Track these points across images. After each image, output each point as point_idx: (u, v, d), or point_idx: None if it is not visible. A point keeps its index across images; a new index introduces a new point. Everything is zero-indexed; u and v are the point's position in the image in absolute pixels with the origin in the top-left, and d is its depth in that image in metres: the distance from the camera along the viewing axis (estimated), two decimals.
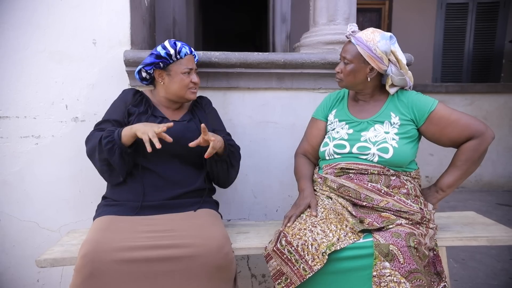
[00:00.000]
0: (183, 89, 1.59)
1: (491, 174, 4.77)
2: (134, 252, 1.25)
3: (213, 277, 1.28)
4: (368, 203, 1.41)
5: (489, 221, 1.72)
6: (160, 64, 1.56)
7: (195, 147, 1.43)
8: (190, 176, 1.57)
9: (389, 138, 1.47)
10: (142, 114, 1.58)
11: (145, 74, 1.61)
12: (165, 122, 1.54)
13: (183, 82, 1.57)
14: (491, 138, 1.47)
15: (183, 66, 1.57)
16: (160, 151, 1.42)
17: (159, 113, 1.62)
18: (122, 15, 1.90)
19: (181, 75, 1.57)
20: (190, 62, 1.61)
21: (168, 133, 1.43)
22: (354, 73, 1.49)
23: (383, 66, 1.47)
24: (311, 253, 1.28)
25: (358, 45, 1.46)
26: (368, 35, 1.46)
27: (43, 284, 1.98)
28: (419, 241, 1.28)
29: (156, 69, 1.58)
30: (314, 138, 1.68)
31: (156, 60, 1.55)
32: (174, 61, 1.57)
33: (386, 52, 1.45)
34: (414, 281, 1.21)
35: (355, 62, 1.48)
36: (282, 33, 4.78)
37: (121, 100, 1.63)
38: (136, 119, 1.55)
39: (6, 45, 1.85)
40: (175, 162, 1.55)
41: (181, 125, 1.59)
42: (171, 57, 1.55)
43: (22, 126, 1.89)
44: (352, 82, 1.52)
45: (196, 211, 1.51)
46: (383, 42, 1.44)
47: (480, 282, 2.32)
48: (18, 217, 1.92)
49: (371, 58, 1.46)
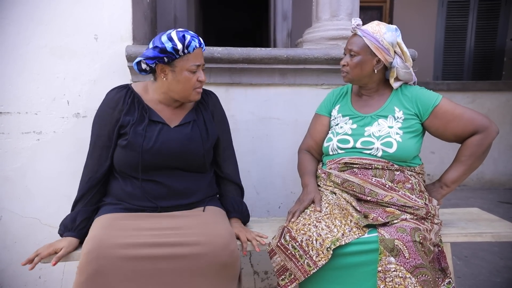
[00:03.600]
0: (189, 90, 1.41)
1: (492, 172, 4.77)
2: (139, 249, 1.23)
3: (219, 274, 1.27)
4: (372, 198, 1.40)
5: (494, 217, 1.72)
6: (164, 59, 1.36)
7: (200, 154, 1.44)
8: (195, 183, 1.48)
9: (393, 133, 1.46)
10: (137, 123, 1.40)
11: (145, 66, 1.40)
12: (165, 129, 1.42)
13: (189, 81, 1.40)
14: (495, 133, 1.46)
15: (190, 62, 1.38)
16: (158, 165, 1.39)
17: (157, 117, 1.44)
18: (124, 10, 1.89)
19: (187, 72, 1.39)
20: (199, 57, 1.41)
21: (168, 146, 1.39)
22: (361, 65, 1.48)
23: (389, 58, 1.47)
24: (316, 248, 1.27)
25: (364, 37, 1.46)
26: (374, 27, 1.46)
27: (44, 281, 1.97)
28: (424, 236, 1.27)
29: (158, 63, 1.39)
30: (318, 134, 1.67)
31: (160, 54, 1.35)
32: (181, 55, 1.37)
33: (393, 44, 1.45)
34: (420, 276, 1.20)
35: (362, 53, 1.47)
36: (283, 30, 4.77)
37: (105, 114, 1.43)
38: (132, 130, 1.38)
39: (7, 41, 1.84)
40: (178, 172, 1.45)
41: (183, 135, 1.43)
42: (178, 52, 1.35)
43: (24, 122, 1.88)
44: (359, 75, 1.51)
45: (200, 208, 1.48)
46: (389, 33, 1.45)
47: (483, 279, 2.31)
48: (19, 213, 1.92)
49: (378, 49, 1.45)
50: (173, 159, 1.41)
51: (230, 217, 1.53)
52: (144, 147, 1.38)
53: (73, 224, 1.39)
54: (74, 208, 1.43)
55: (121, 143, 1.40)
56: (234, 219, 1.54)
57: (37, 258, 1.29)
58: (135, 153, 1.38)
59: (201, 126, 1.49)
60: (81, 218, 1.39)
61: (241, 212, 1.57)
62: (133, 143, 1.38)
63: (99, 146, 1.44)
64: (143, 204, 1.41)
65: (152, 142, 1.39)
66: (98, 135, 1.44)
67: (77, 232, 1.38)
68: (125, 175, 1.43)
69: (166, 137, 1.42)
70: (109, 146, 1.43)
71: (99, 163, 1.43)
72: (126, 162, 1.40)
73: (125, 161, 1.41)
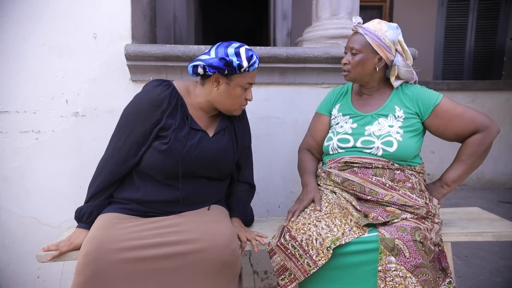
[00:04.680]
0: (236, 105, 1.42)
1: (492, 172, 4.76)
2: (140, 251, 1.21)
3: (220, 273, 1.26)
4: (372, 197, 1.39)
5: (494, 217, 1.71)
6: (225, 71, 1.33)
7: (230, 163, 1.46)
8: (215, 192, 1.49)
9: (393, 132, 1.46)
10: (179, 129, 1.37)
11: (201, 71, 1.36)
12: (205, 138, 1.41)
13: (239, 98, 1.40)
14: (496, 132, 1.45)
15: (246, 80, 1.38)
16: (188, 173, 1.38)
17: (196, 125, 1.42)
18: (123, 9, 1.88)
19: (240, 88, 1.38)
20: (254, 77, 1.41)
21: (205, 156, 1.39)
22: (363, 63, 1.47)
23: (391, 56, 1.47)
24: (316, 248, 1.26)
25: (366, 35, 1.45)
26: (375, 25, 1.46)
27: (43, 281, 1.97)
28: (425, 235, 1.27)
29: (217, 73, 1.35)
30: (318, 133, 1.66)
31: (224, 66, 1.32)
32: (241, 72, 1.36)
33: (394, 42, 1.45)
34: (420, 275, 1.20)
35: (364, 51, 1.46)
36: (283, 30, 4.76)
37: (146, 111, 1.37)
38: (173, 135, 1.35)
39: (6, 39, 1.83)
40: (202, 180, 1.44)
41: (220, 145, 1.44)
42: (241, 69, 1.34)
43: (22, 121, 1.87)
44: (360, 73, 1.50)
45: (203, 208, 1.47)
46: (391, 31, 1.44)
47: (483, 278, 2.30)
48: (18, 213, 1.91)
49: (380, 47, 1.44)
50: (206, 168, 1.41)
51: (231, 216, 1.52)
52: (183, 154, 1.36)
53: (89, 217, 1.38)
54: (92, 198, 1.39)
55: (159, 146, 1.36)
56: (235, 218, 1.53)
57: (57, 253, 1.31)
58: (173, 160, 1.35)
59: (232, 134, 1.50)
60: (97, 212, 1.38)
61: (244, 215, 1.57)
62: (173, 150, 1.35)
63: (131, 140, 1.37)
64: (160, 209, 1.39)
65: (192, 151, 1.38)
66: (133, 129, 1.37)
67: (91, 225, 1.36)
68: (148, 177, 1.40)
69: (205, 146, 1.41)
70: (141, 143, 1.37)
71: (127, 158, 1.38)
72: (161, 167, 1.37)
73: (158, 165, 1.37)
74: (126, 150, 1.38)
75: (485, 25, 5.55)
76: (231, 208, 1.55)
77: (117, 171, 1.38)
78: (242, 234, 1.43)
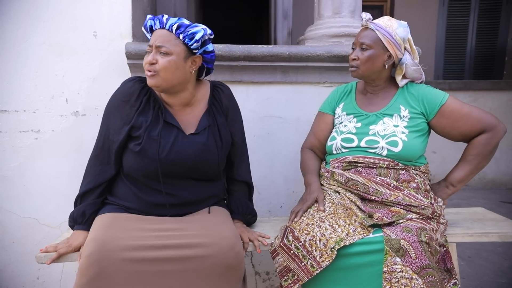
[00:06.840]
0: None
1: (494, 172, 4.74)
2: (143, 251, 1.19)
3: (224, 276, 1.23)
4: (377, 197, 1.37)
5: (499, 217, 1.69)
6: None
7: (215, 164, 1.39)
8: (207, 192, 1.44)
9: (398, 132, 1.44)
10: (152, 125, 1.32)
11: None
12: (181, 136, 1.34)
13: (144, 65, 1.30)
14: (503, 132, 1.44)
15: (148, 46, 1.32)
16: (170, 174, 1.34)
17: (172, 119, 1.35)
18: (123, 7, 1.86)
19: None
20: (152, 39, 1.29)
21: (182, 157, 1.32)
22: (372, 59, 1.45)
23: (400, 53, 1.45)
24: (319, 248, 1.24)
25: (377, 30, 1.43)
26: (386, 21, 1.45)
27: (43, 282, 1.95)
28: (431, 236, 1.25)
29: None
30: (321, 132, 1.64)
31: None
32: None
33: (404, 39, 1.44)
34: (426, 277, 1.18)
35: (374, 47, 1.44)
36: (283, 29, 4.75)
37: (120, 103, 1.34)
38: (146, 134, 1.30)
39: (5, 38, 1.81)
40: (189, 181, 1.39)
41: (198, 145, 1.35)
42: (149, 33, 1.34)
43: (22, 120, 1.85)
44: (369, 70, 1.47)
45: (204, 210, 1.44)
46: (401, 29, 1.43)
47: (487, 279, 2.28)
48: (17, 213, 1.89)
49: (391, 44, 1.43)
50: (186, 170, 1.36)
51: (233, 218, 1.50)
52: (159, 156, 1.31)
53: (83, 217, 1.35)
54: (81, 200, 1.38)
55: (133, 148, 1.32)
56: (236, 219, 1.51)
57: (56, 255, 1.29)
58: (149, 161, 1.31)
59: (215, 132, 1.41)
60: (90, 211, 1.36)
61: (245, 216, 1.54)
62: (147, 150, 1.31)
63: (110, 139, 1.36)
64: (149, 212, 1.36)
65: (167, 152, 1.32)
66: (109, 127, 1.36)
67: (87, 226, 1.35)
68: (133, 179, 1.37)
69: (180, 146, 1.34)
70: (119, 141, 1.33)
71: (109, 156, 1.37)
72: (139, 169, 1.34)
73: (137, 168, 1.34)
74: (107, 149, 1.37)
75: (486, 24, 5.53)
76: (230, 210, 1.52)
77: (104, 171, 1.37)
78: (245, 235, 1.41)
